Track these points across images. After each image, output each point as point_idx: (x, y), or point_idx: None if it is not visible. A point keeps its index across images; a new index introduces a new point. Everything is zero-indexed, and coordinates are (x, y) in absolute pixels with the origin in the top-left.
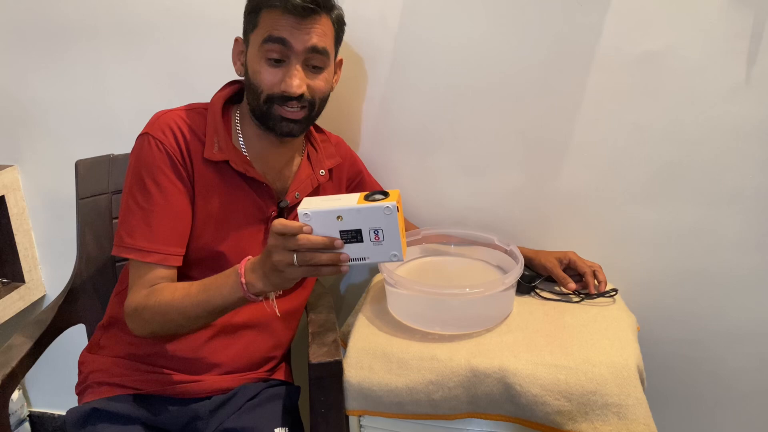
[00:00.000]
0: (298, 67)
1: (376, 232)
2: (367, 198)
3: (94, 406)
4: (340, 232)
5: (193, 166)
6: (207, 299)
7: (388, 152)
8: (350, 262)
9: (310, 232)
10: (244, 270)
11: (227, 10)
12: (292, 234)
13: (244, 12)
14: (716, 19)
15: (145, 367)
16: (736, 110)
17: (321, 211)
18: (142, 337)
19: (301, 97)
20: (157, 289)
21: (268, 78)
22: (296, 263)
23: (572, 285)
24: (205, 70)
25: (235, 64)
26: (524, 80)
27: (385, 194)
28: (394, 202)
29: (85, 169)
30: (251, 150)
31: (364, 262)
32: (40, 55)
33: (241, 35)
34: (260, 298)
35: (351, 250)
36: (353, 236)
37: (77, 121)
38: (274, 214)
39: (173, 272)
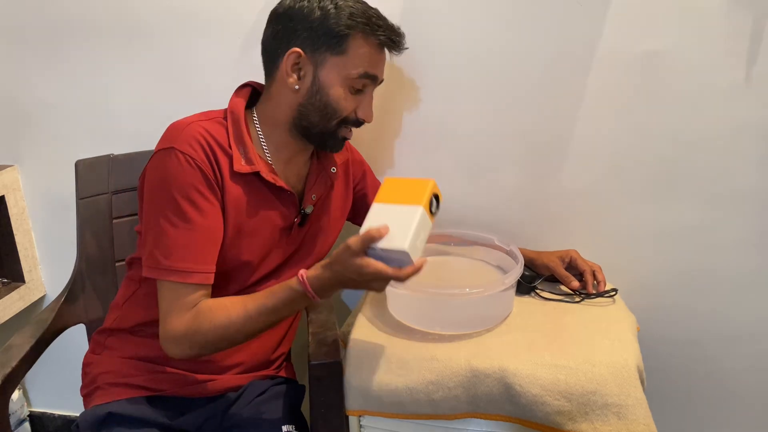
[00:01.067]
0: (373, 96)
1: None
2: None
3: (109, 410)
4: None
5: (223, 180)
6: (270, 321)
7: (388, 152)
8: None
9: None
10: (315, 292)
11: (228, 10)
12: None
13: (320, 27)
14: (716, 19)
15: (159, 367)
16: (736, 110)
17: (416, 246)
18: (185, 359)
19: None
20: (205, 310)
21: (350, 105)
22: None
23: (575, 283)
24: (206, 69)
25: (289, 76)
26: (524, 80)
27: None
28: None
29: (85, 169)
30: (276, 157)
31: None
32: (40, 55)
33: (297, 47)
34: None
35: None
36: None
37: (77, 121)
38: (297, 220)
39: (210, 290)
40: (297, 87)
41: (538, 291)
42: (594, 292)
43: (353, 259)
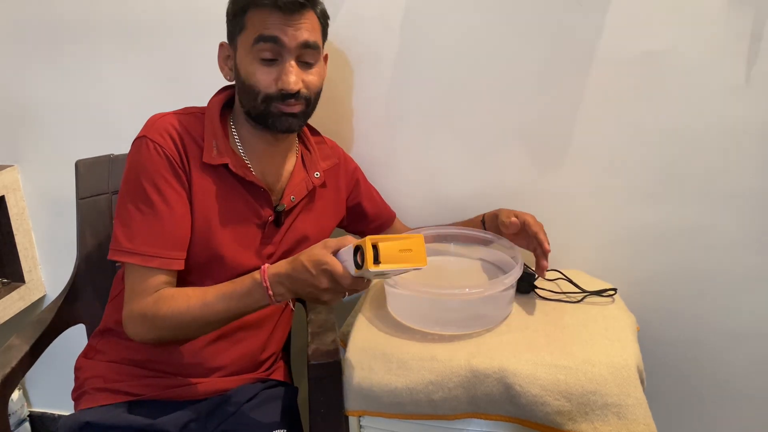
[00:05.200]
0: (293, 63)
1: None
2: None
3: (87, 420)
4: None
5: (190, 171)
6: (227, 308)
7: (388, 152)
8: None
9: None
10: (270, 284)
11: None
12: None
13: (228, 16)
14: (716, 19)
15: (144, 372)
16: (736, 110)
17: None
18: (142, 343)
19: (297, 93)
20: (166, 297)
21: (263, 78)
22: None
23: (514, 219)
24: (204, 70)
25: (222, 69)
26: (524, 80)
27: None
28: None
29: (85, 169)
30: (248, 152)
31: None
32: (39, 55)
33: (224, 40)
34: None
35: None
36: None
37: (77, 121)
38: (271, 218)
39: (174, 277)
40: (229, 78)
41: (538, 291)
42: (546, 250)
43: (321, 250)
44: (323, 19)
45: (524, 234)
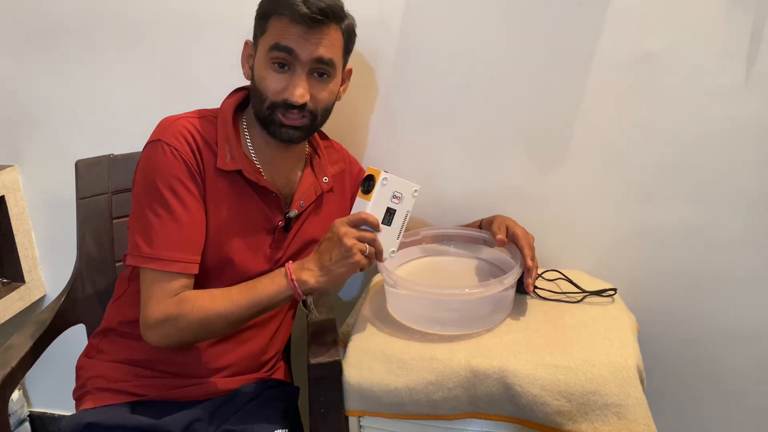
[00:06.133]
0: (303, 76)
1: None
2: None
3: (89, 420)
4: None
5: (205, 175)
6: (252, 303)
7: (388, 152)
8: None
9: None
10: (293, 270)
11: (228, 10)
12: (373, 225)
13: (255, 16)
14: (716, 19)
15: (146, 371)
16: (736, 110)
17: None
18: (161, 348)
19: (303, 106)
20: (189, 298)
21: (272, 84)
22: (366, 252)
23: (500, 237)
24: (205, 70)
25: (243, 66)
26: (524, 81)
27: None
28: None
29: (85, 169)
30: (260, 157)
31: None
32: (39, 55)
33: (250, 38)
34: (305, 297)
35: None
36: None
37: (77, 121)
38: (281, 223)
39: (192, 280)
40: (247, 76)
41: (538, 291)
42: (531, 267)
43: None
44: (347, 34)
45: (514, 246)
